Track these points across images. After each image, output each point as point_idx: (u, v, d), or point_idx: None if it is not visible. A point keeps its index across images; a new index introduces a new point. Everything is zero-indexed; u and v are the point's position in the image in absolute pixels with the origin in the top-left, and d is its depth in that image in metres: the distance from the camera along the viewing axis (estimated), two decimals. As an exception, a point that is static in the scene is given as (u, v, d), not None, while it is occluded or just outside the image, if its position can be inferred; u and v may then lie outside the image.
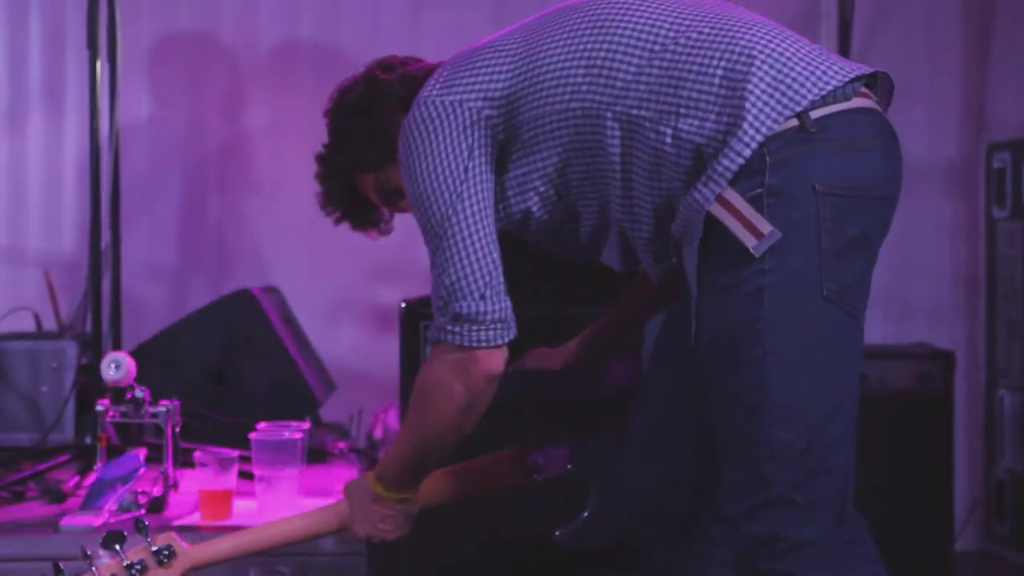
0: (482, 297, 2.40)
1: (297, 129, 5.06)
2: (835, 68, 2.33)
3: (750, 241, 2.25)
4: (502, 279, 2.43)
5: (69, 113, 5.06)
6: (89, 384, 3.93)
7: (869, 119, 2.34)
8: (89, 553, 2.56)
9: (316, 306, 4.98)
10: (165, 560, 2.59)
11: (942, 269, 5.00)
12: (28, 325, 4.38)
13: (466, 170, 2.42)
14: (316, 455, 3.86)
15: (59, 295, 4.38)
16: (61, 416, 3.76)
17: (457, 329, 2.42)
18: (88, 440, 3.50)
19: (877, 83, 2.42)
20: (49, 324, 4.36)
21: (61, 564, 2.57)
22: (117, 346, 3.68)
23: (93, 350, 3.60)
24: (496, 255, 2.43)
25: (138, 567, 2.56)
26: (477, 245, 2.41)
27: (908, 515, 4.10)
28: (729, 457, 2.37)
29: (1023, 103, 4.90)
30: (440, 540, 2.97)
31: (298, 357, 4.12)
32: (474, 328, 2.41)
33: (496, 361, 2.44)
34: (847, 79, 2.32)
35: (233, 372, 4.02)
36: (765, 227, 2.25)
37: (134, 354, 3.97)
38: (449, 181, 2.41)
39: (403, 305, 3.28)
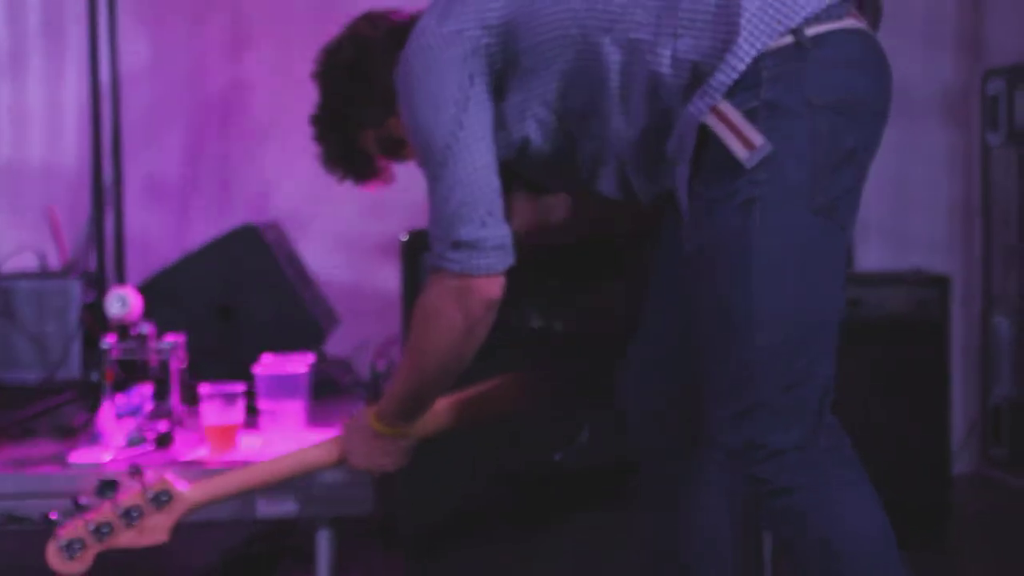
0: (483, 224, 2.44)
1: (298, 69, 5.08)
2: None
3: (742, 153, 2.29)
4: (502, 206, 2.46)
5: (69, 55, 5.07)
6: (94, 322, 3.99)
7: (860, 39, 2.38)
8: (82, 503, 2.58)
9: (317, 241, 5.02)
10: (162, 504, 2.60)
11: (938, 197, 5.03)
12: (33, 265, 4.43)
13: (467, 98, 2.44)
14: (322, 388, 3.91)
15: (63, 234, 4.42)
16: (66, 354, 3.80)
17: (456, 256, 2.45)
18: (94, 377, 3.53)
19: (865, 5, 2.45)
20: (54, 263, 4.40)
21: (52, 515, 2.60)
22: (121, 283, 3.71)
23: (97, 288, 3.63)
24: (496, 182, 2.46)
25: (134, 513, 2.58)
26: (479, 172, 2.43)
27: (905, 440, 4.16)
28: (714, 365, 2.41)
29: (1019, 28, 4.91)
30: (438, 467, 2.98)
31: (302, 291, 4.16)
32: (474, 254, 2.44)
33: (494, 288, 2.47)
34: None
35: (239, 307, 4.05)
36: (757, 139, 2.28)
37: (140, 291, 4.04)
38: (451, 110, 2.43)
39: (404, 237, 3.31)
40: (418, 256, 3.29)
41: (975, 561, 4.16)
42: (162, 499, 2.60)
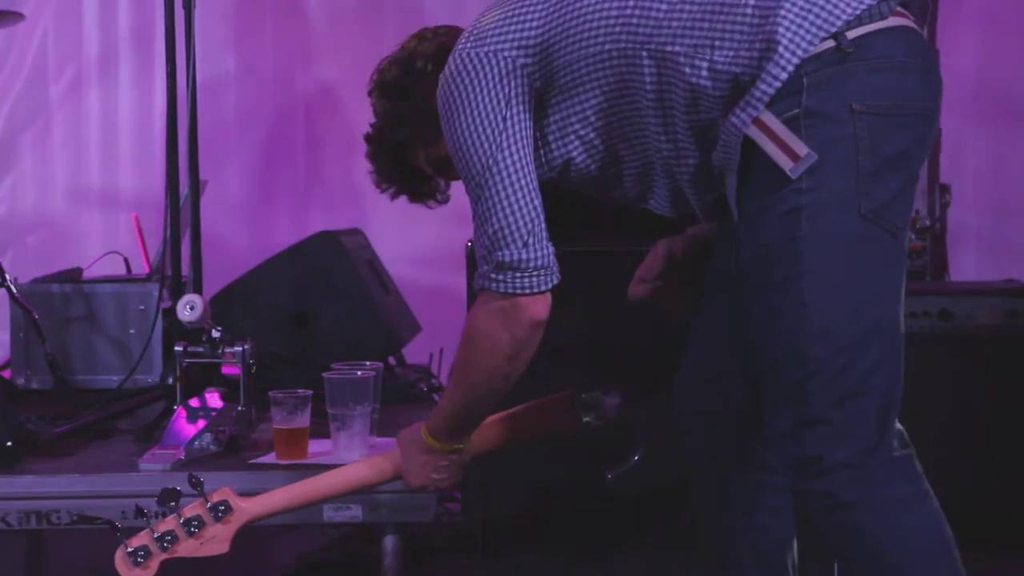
0: (524, 245, 2.43)
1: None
2: None
3: (786, 163, 2.26)
4: (544, 226, 2.45)
5: (158, 62, 5.13)
6: (175, 326, 4.03)
7: (905, 37, 2.34)
8: (145, 512, 2.62)
9: (401, 249, 5.04)
10: (221, 515, 2.63)
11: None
12: (120, 269, 4.48)
13: (504, 119, 2.44)
14: (396, 395, 3.91)
15: (148, 239, 4.47)
16: (141, 358, 3.84)
17: (500, 277, 2.45)
18: (170, 381, 3.56)
19: (912, 2, 2.40)
20: (139, 268, 4.45)
21: (118, 523, 2.63)
22: (198, 289, 3.74)
23: (175, 293, 3.66)
24: (537, 202, 2.45)
25: (195, 523, 2.61)
26: (518, 193, 2.43)
27: (1000, 454, 4.06)
28: (768, 378, 2.38)
29: None
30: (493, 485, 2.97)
31: (379, 298, 4.17)
32: (517, 275, 2.44)
33: (540, 307, 2.47)
34: None
35: (315, 314, 4.07)
36: (801, 149, 2.26)
37: (218, 297, 4.07)
38: (488, 132, 2.43)
39: (469, 244, 3.30)
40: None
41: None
42: (220, 510, 2.63)
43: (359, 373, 3.16)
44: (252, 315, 4.04)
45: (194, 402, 3.25)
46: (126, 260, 4.46)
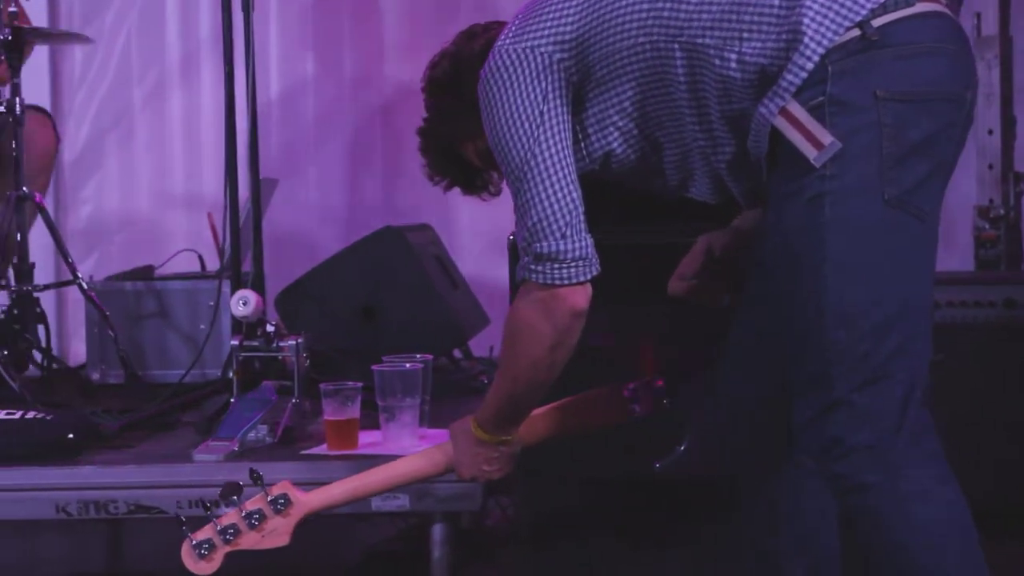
0: (563, 236, 2.47)
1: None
2: None
3: (811, 152, 2.30)
4: (583, 217, 2.49)
5: (239, 65, 5.22)
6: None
7: (934, 23, 2.35)
8: (210, 505, 2.69)
9: (476, 245, 5.10)
10: (281, 508, 2.69)
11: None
12: (196, 266, 4.59)
13: (541, 114, 2.48)
14: (461, 388, 3.98)
15: (219, 238, 4.57)
16: (201, 352, 3.93)
17: (540, 268, 2.49)
18: (230, 375, 3.65)
19: None
20: (213, 265, 4.55)
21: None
22: (259, 285, 3.82)
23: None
24: (576, 194, 2.49)
25: (256, 516, 2.67)
26: (557, 186, 2.48)
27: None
28: (794, 365, 2.42)
29: None
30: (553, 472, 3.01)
31: (445, 292, 4.22)
32: (556, 266, 2.48)
33: (580, 297, 2.50)
34: None
35: (382, 308, 4.13)
36: (826, 138, 2.29)
37: (286, 292, 4.15)
38: (526, 126, 2.48)
39: (511, 237, 3.34)
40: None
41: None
42: (280, 503, 2.69)
43: (407, 365, 3.21)
44: (320, 310, 4.11)
45: (250, 395, 3.32)
46: (200, 257, 4.57)
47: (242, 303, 3.34)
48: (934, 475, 2.35)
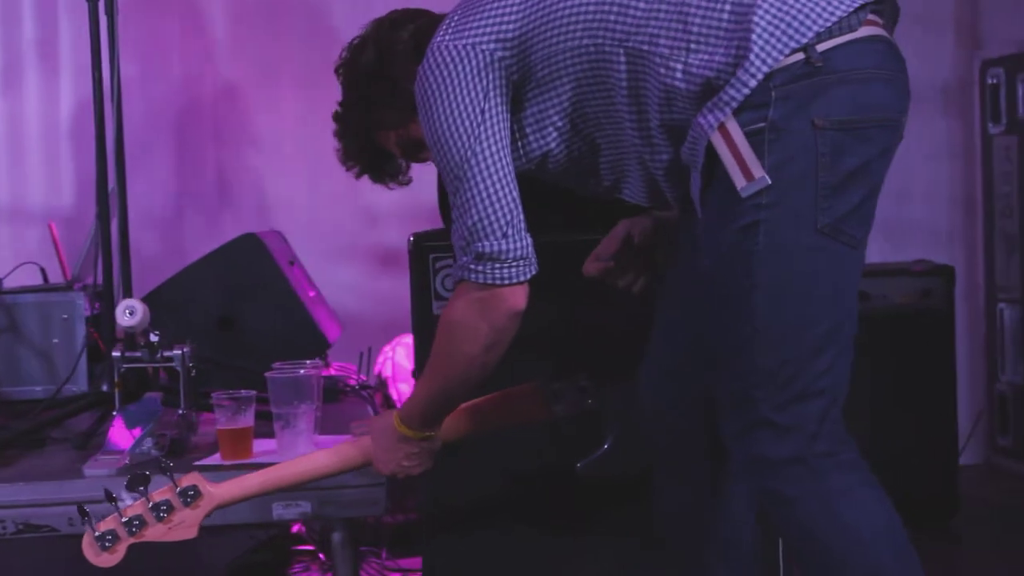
0: (504, 235, 2.45)
1: (291, 74, 5.10)
2: None
3: (740, 181, 2.31)
4: (522, 217, 2.48)
5: (64, 68, 5.08)
6: (99, 334, 3.99)
7: (875, 48, 2.37)
8: (115, 495, 2.60)
9: (317, 248, 5.02)
10: (191, 500, 2.63)
11: (939, 188, 5.04)
12: (35, 279, 4.41)
13: (482, 112, 2.46)
14: (328, 394, 3.90)
15: (63, 249, 4.42)
16: (74, 367, 3.79)
17: (480, 267, 2.46)
18: (104, 387, 3.53)
19: (884, 7, 2.44)
20: (55, 277, 4.39)
21: (87, 507, 2.61)
22: (128, 295, 3.71)
23: (103, 300, 3.63)
24: (516, 194, 2.48)
25: (164, 508, 2.61)
26: (497, 185, 2.45)
27: (913, 430, 4.16)
28: (723, 382, 2.44)
29: (1015, 18, 4.93)
30: (461, 473, 2.98)
31: (305, 299, 4.15)
32: (497, 266, 2.46)
33: (519, 297, 2.49)
34: (852, 8, 2.35)
35: (241, 317, 4.04)
36: (758, 171, 2.30)
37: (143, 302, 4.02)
38: (467, 124, 2.45)
39: (411, 238, 3.31)
40: (426, 256, 3.29)
41: (984, 550, 4.16)
42: (190, 495, 2.63)
43: (302, 372, 3.15)
44: (177, 320, 3.99)
45: (133, 407, 3.21)
46: (43, 270, 4.40)
47: (128, 313, 3.22)
48: (857, 479, 2.39)
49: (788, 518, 2.39)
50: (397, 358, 4.34)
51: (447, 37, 2.50)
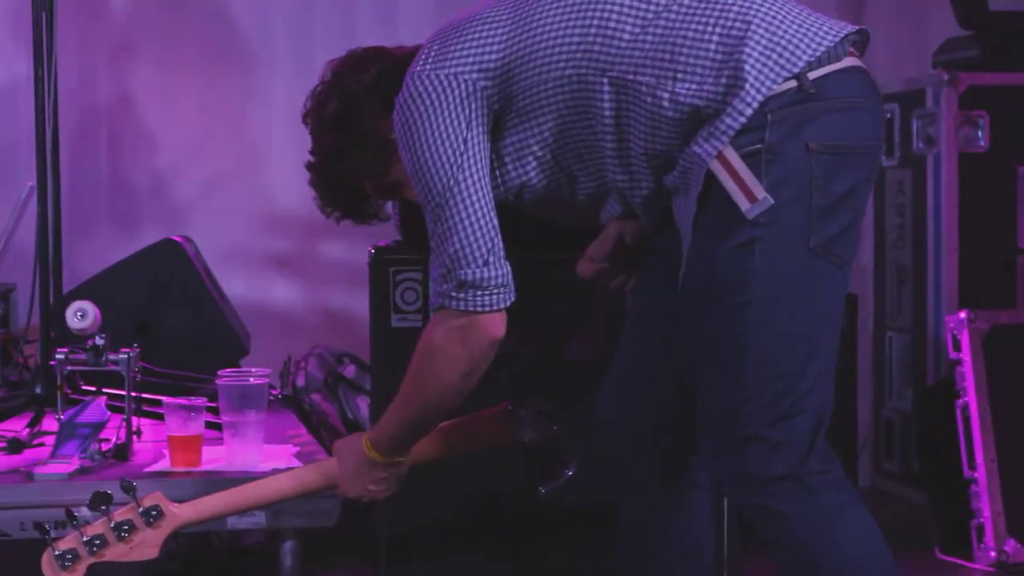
0: (485, 264, 2.48)
1: (187, 81, 5.05)
2: (826, 28, 2.46)
3: (744, 203, 2.38)
4: (502, 244, 2.51)
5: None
6: (6, 335, 3.93)
7: (858, 78, 2.48)
8: (76, 515, 2.58)
9: (215, 254, 4.97)
10: (153, 520, 2.61)
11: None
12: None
13: (465, 141, 2.48)
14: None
15: None
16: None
17: (462, 295, 2.49)
18: (39, 390, 3.48)
19: (861, 36, 2.54)
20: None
21: (47, 525, 2.59)
22: (46, 296, 3.65)
23: (43, 302, 3.58)
24: (495, 222, 2.50)
25: (126, 528, 2.59)
26: (479, 214, 2.48)
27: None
28: (708, 398, 2.49)
29: (906, 55, 5.10)
30: (421, 493, 3.00)
31: (223, 305, 4.13)
32: (478, 293, 2.48)
33: (499, 325, 2.52)
34: (838, 39, 2.44)
35: (158, 322, 4.00)
36: (759, 192, 2.37)
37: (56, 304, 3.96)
38: (449, 153, 2.47)
39: (372, 251, 3.32)
40: (386, 269, 3.31)
41: None
42: (152, 515, 2.62)
43: (251, 380, 3.14)
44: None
45: (77, 410, 3.16)
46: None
47: (79, 315, 3.18)
48: (848, 498, 2.47)
49: (781, 534, 2.45)
50: (311, 368, 4.32)
51: (427, 66, 2.52)
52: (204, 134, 5.07)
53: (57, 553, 2.55)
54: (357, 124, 2.66)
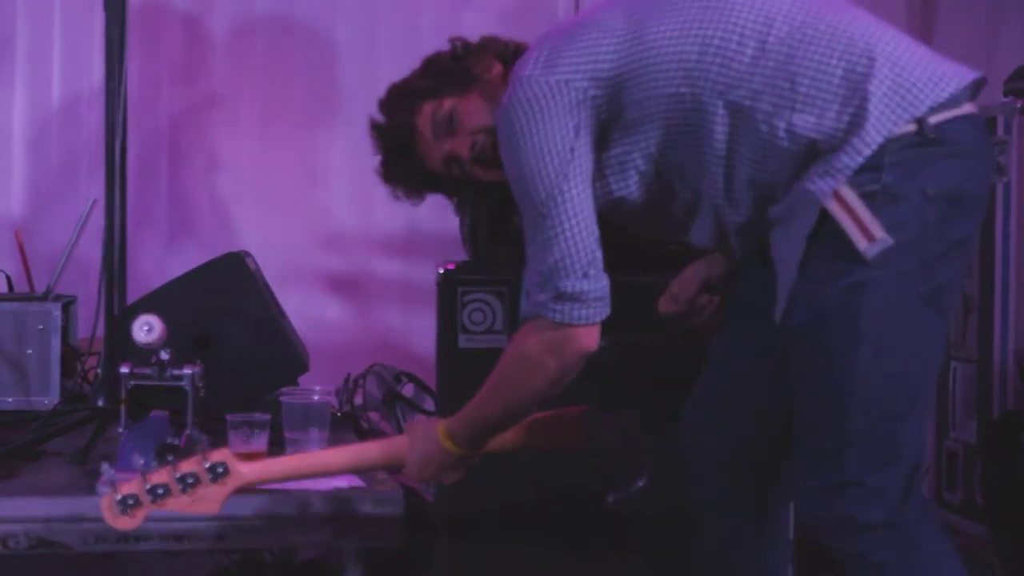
0: (585, 275, 2.45)
1: (251, 96, 5.05)
2: (951, 73, 2.42)
3: (862, 243, 2.34)
4: (602, 257, 2.48)
5: (18, 77, 4.98)
6: (68, 347, 3.93)
7: (976, 126, 2.45)
8: (142, 462, 2.62)
9: (270, 273, 4.97)
10: (219, 476, 2.61)
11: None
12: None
13: (572, 150, 2.45)
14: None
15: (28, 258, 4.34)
16: (47, 379, 3.79)
17: (559, 307, 2.46)
18: (101, 402, 3.46)
19: (979, 84, 2.50)
20: (20, 286, 4.30)
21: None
22: (111, 309, 3.64)
23: (108, 315, 3.58)
24: (597, 234, 2.48)
25: (190, 480, 2.60)
26: (582, 224, 2.45)
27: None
28: (807, 437, 2.45)
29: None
30: (489, 476, 2.96)
31: (284, 322, 4.11)
32: (576, 305, 2.46)
33: (593, 338, 2.50)
34: (962, 86, 2.40)
35: (218, 338, 3.98)
36: (878, 232, 2.33)
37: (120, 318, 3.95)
38: (555, 161, 2.45)
39: (440, 271, 3.31)
40: (455, 289, 3.29)
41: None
42: (218, 471, 2.62)
43: (315, 398, 3.13)
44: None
45: (141, 424, 3.15)
46: (8, 278, 4.30)
47: (146, 329, 3.16)
48: (943, 548, 2.44)
49: None
50: (368, 387, 4.29)
51: (537, 70, 2.49)
52: (265, 153, 5.06)
53: (119, 497, 2.56)
54: (418, 152, 2.74)
